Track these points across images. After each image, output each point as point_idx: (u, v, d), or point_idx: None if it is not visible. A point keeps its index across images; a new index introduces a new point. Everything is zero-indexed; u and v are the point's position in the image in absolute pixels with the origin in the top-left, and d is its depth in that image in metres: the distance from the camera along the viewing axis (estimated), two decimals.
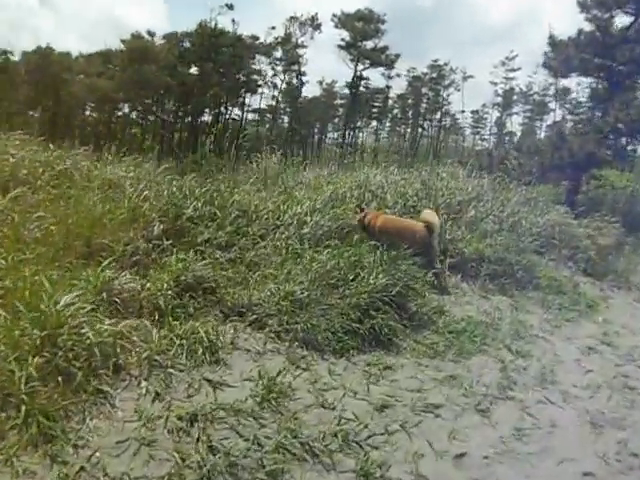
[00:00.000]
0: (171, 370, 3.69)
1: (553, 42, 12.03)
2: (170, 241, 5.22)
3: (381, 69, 40.71)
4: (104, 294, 4.06)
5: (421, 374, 4.44)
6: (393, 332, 4.86)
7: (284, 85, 46.43)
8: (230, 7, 38.26)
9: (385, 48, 37.90)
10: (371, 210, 6.91)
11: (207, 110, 45.36)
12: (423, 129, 52.37)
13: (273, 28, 42.04)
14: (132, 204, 5.30)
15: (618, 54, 11.27)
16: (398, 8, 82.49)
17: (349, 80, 41.12)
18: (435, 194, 8.11)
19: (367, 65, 38.47)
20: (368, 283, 5.08)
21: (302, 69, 42.13)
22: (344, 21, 36.79)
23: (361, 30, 36.09)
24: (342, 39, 38.26)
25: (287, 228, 6.13)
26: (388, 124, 58.79)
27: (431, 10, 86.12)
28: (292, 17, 41.16)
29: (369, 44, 37.72)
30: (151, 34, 35.31)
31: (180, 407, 3.33)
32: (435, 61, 48.39)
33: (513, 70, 47.66)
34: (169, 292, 4.43)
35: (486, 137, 54.34)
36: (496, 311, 5.98)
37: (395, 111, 54.05)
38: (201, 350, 3.96)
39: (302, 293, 4.82)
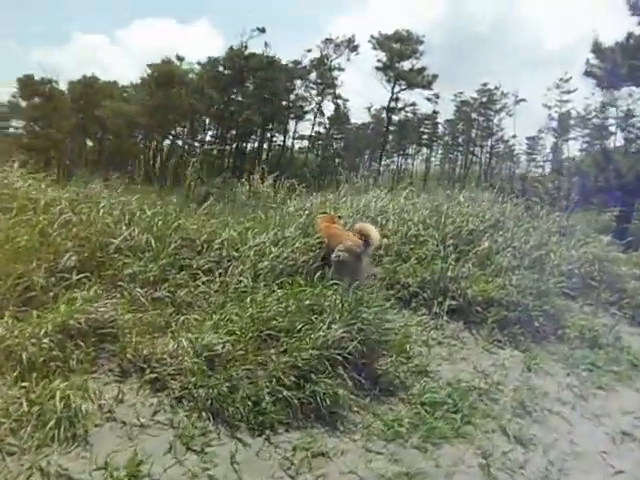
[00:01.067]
0: None
1: (598, 48, 10.46)
2: (85, 275, 4.31)
3: (419, 91, 39.38)
4: None
5: (365, 467, 3.23)
6: (341, 402, 3.67)
7: (330, 112, 46.19)
8: (262, 30, 38.37)
9: (423, 69, 36.76)
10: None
11: (253, 136, 45.72)
12: (474, 155, 50.33)
13: (309, 51, 41.81)
14: (40, 230, 4.45)
15: None
16: (454, 34, 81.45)
17: (387, 102, 39.88)
18: (444, 221, 6.84)
19: (404, 87, 37.35)
20: (317, 335, 3.94)
21: (345, 95, 41.73)
22: (381, 42, 36.08)
23: (398, 51, 35.15)
24: (378, 60, 37.58)
25: (243, 261, 5.10)
26: (440, 151, 57.13)
27: (487, 35, 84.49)
28: (327, 39, 40.86)
29: (406, 65, 36.79)
30: (180, 58, 36.01)
31: None
32: (484, 85, 46.60)
33: (568, 92, 44.89)
34: (46, 340, 3.49)
35: (541, 164, 51.39)
36: (500, 371, 4.64)
37: (446, 138, 52.40)
38: (54, 421, 2.97)
39: (224, 347, 3.76)
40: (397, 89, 37.66)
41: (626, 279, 6.76)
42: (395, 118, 47.34)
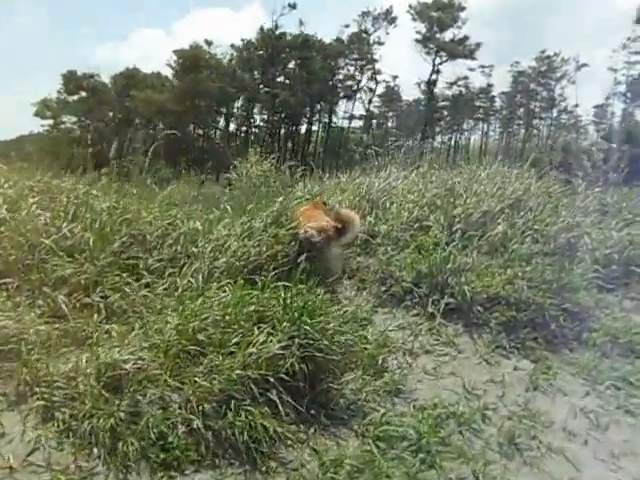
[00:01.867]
0: None
1: None
2: (4, 281, 3.84)
3: (466, 62, 36.54)
4: None
5: None
6: (265, 435, 2.96)
7: (380, 89, 44.56)
8: (293, 6, 36.91)
9: (465, 38, 34.10)
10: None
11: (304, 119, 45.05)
12: (535, 128, 46.92)
13: (347, 26, 40.01)
14: None
15: None
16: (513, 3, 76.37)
17: (429, 76, 37.51)
18: (453, 202, 5.89)
19: (445, 58, 34.89)
20: (249, 351, 3.24)
21: (387, 70, 39.65)
22: (420, 12, 33.79)
23: (437, 20, 32.76)
24: (417, 32, 35.31)
25: (201, 258, 4.47)
26: (499, 125, 54.05)
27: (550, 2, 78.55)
28: (364, 12, 38.83)
29: (448, 35, 34.24)
30: (208, 42, 35.39)
31: None
32: (542, 52, 42.83)
33: (637, 53, 40.25)
34: None
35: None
36: (496, 389, 3.76)
37: (504, 111, 49.24)
38: None
39: (136, 365, 3.15)
40: (438, 61, 35.29)
41: None
42: (448, 93, 45.03)
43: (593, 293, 4.97)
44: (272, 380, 3.13)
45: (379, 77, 42.28)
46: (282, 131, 46.67)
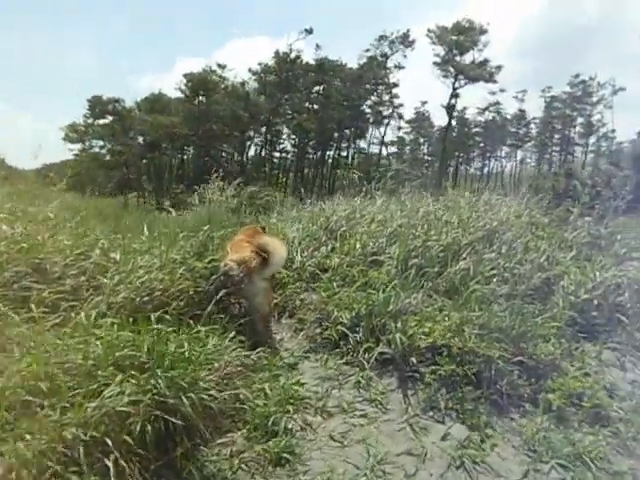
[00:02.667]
0: None
1: None
2: None
3: (488, 86, 35.39)
4: None
5: None
6: None
7: (410, 114, 44.06)
8: (309, 31, 36.73)
9: (485, 61, 32.99)
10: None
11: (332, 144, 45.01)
12: (571, 155, 45.10)
13: (367, 51, 39.57)
14: None
15: None
16: (556, 29, 75.10)
17: (448, 99, 36.56)
18: (414, 233, 5.28)
19: (464, 82, 33.90)
20: (93, 405, 2.73)
21: (405, 95, 38.91)
22: (440, 35, 33.14)
23: (456, 43, 31.97)
24: (436, 54, 34.64)
25: (103, 291, 4.02)
26: (535, 151, 52.53)
27: (589, 28, 76.87)
28: (382, 36, 38.36)
29: (468, 58, 33.29)
30: (222, 66, 35.57)
31: None
32: (576, 77, 41.25)
33: None
34: None
35: None
36: (410, 464, 3.08)
37: (539, 137, 47.74)
38: None
39: None
40: (458, 85, 34.37)
41: None
42: (480, 119, 44.09)
43: (563, 343, 4.21)
44: (111, 442, 2.59)
45: (405, 102, 41.90)
46: (312, 156, 46.82)
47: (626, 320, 4.52)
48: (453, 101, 35.07)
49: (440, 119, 68.10)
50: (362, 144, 45.40)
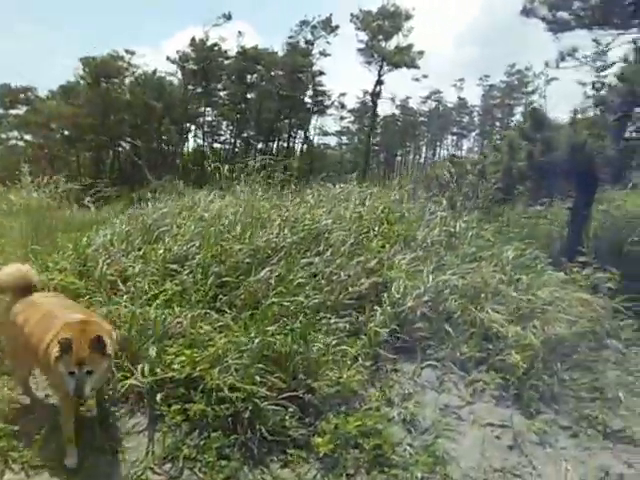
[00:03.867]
0: None
1: None
2: None
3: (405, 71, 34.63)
4: None
5: None
6: None
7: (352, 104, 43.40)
8: (228, 17, 34.62)
9: (409, 47, 32.39)
10: None
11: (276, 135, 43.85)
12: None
13: (291, 37, 38.15)
14: None
15: None
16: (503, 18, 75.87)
17: (373, 87, 35.77)
18: (224, 235, 4.52)
19: (389, 68, 33.29)
20: None
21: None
22: (363, 20, 32.35)
23: (379, 29, 31.19)
24: (360, 40, 33.39)
25: None
26: (479, 140, 53.03)
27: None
28: (303, 21, 36.60)
29: (393, 44, 32.52)
30: (130, 52, 33.54)
31: None
32: (512, 66, 41.49)
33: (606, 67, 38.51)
34: None
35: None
36: None
37: (482, 127, 48.15)
38: None
39: None
40: (382, 71, 33.65)
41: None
42: (424, 108, 43.99)
43: (370, 366, 3.56)
44: None
45: (337, 91, 41.09)
46: (256, 148, 45.60)
47: (452, 332, 3.90)
48: (378, 88, 34.31)
49: (385, 108, 67.86)
50: (308, 134, 44.64)
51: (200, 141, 42.58)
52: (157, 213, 5.17)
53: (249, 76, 35.85)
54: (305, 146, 46.76)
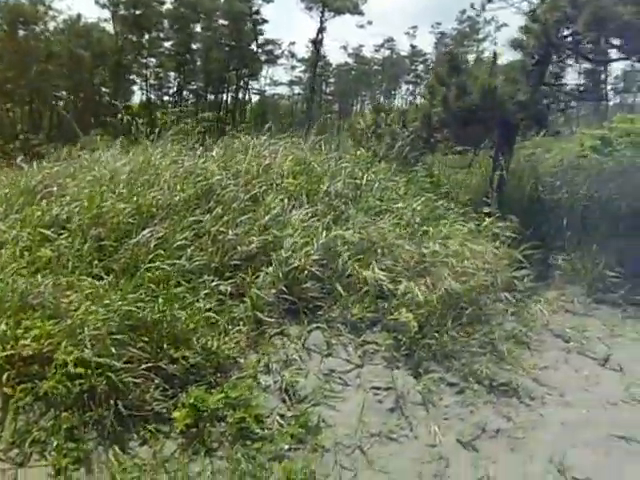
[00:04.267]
0: None
1: None
2: None
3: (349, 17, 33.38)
4: None
5: None
6: None
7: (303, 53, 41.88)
8: None
9: None
10: None
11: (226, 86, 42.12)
12: None
13: None
14: None
15: None
16: None
17: (316, 35, 34.45)
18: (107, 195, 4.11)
19: (331, 14, 32.12)
20: None
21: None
22: None
23: None
24: None
25: None
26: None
27: None
28: None
29: None
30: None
31: None
32: (463, 12, 40.73)
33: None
34: None
35: None
36: None
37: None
38: None
39: None
40: (325, 17, 32.35)
41: None
42: (379, 57, 42.97)
43: (251, 332, 3.33)
44: None
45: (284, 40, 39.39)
46: (207, 99, 43.83)
47: (343, 292, 3.70)
48: (320, 36, 33.08)
49: (337, 57, 66.13)
50: (258, 85, 43.09)
51: (149, 94, 40.57)
52: (42, 173, 4.68)
53: (192, 25, 33.69)
54: (257, 97, 45.35)
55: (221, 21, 34.73)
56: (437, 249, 3.97)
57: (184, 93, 43.62)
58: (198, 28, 35.01)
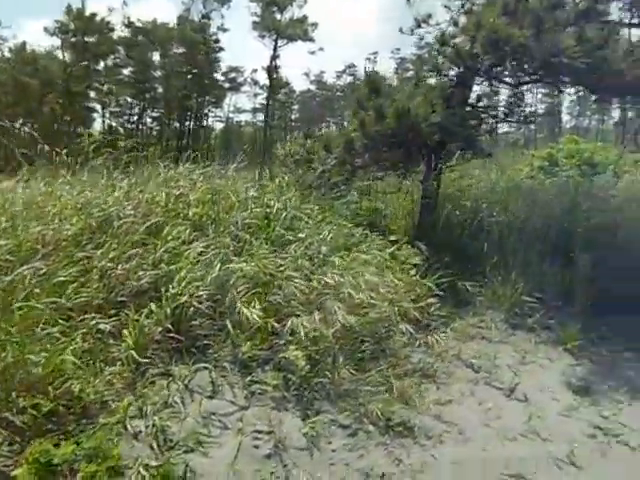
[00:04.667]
0: None
1: None
2: None
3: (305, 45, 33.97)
4: None
5: None
6: None
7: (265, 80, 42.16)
8: None
9: (304, 18, 31.74)
10: None
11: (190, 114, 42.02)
12: None
13: (186, 10, 35.83)
14: None
15: None
16: None
17: (269, 62, 34.92)
18: None
19: (283, 41, 32.67)
20: None
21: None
22: None
23: (273, 1, 30.15)
24: (254, 13, 32.31)
25: None
26: None
27: None
28: None
29: (288, 16, 31.61)
30: None
31: None
32: (421, 39, 41.64)
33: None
34: None
35: None
36: None
37: None
38: None
39: None
40: (277, 45, 32.77)
41: None
42: (340, 83, 43.61)
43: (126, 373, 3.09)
44: None
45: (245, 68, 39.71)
46: (172, 127, 43.59)
47: (232, 329, 3.50)
48: (274, 63, 33.42)
49: (301, 84, 67.07)
50: (222, 113, 43.07)
51: (110, 121, 40.08)
52: None
53: (149, 53, 33.67)
54: (221, 125, 45.35)
55: (177, 49, 34.75)
56: (334, 281, 3.81)
57: (148, 120, 43.41)
58: (156, 56, 34.98)
